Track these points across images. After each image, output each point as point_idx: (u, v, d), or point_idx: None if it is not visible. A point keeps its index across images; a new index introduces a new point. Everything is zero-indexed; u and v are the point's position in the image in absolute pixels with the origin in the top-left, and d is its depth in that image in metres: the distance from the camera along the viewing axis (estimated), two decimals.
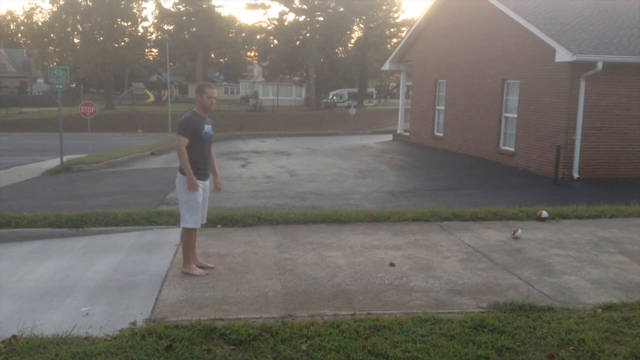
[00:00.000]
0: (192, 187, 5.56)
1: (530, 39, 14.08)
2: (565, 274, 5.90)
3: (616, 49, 12.98)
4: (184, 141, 5.61)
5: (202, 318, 4.53)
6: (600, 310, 4.87)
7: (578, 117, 12.93)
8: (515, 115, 15.18)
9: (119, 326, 4.46)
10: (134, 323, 4.51)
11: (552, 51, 12.95)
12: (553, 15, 14.86)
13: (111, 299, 5.14)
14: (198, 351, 3.93)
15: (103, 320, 4.64)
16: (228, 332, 4.21)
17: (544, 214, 8.41)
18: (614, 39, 13.59)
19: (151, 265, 6.11)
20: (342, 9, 54.16)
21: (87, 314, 4.78)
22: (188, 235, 5.75)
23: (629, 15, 15.86)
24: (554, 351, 4.02)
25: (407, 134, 23.18)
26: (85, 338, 4.24)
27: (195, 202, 5.63)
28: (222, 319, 4.52)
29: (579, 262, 6.34)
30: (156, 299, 5.06)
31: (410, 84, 24.86)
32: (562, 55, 12.62)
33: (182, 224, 5.72)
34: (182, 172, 5.63)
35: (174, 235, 7.26)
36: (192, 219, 5.67)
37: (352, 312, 4.77)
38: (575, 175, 13.15)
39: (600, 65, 12.39)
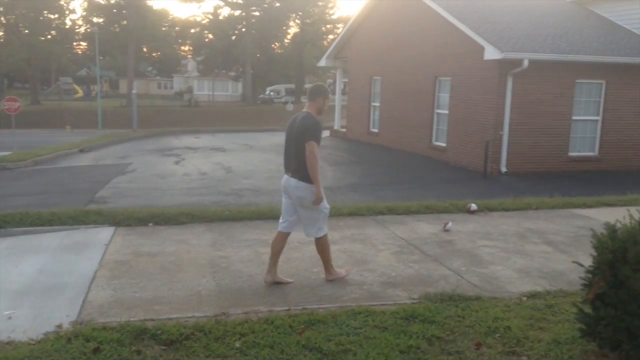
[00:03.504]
0: (320, 200, 5.21)
1: (460, 37, 14.48)
2: (493, 264, 6.12)
3: (541, 47, 13.54)
4: (317, 147, 5.11)
5: (131, 319, 4.41)
6: (525, 299, 5.07)
7: (505, 113, 13.41)
8: (447, 112, 15.58)
9: (44, 329, 4.29)
10: (59, 326, 4.35)
11: (481, 49, 13.37)
12: (482, 14, 15.34)
13: (36, 302, 4.93)
14: (127, 353, 3.83)
15: (27, 323, 4.45)
16: (159, 332, 4.12)
17: (473, 206, 8.69)
18: (539, 37, 14.17)
19: (78, 266, 5.90)
20: (278, 4, 53.85)
21: (9, 318, 4.57)
22: (326, 242, 5.43)
23: (553, 15, 16.58)
24: (481, 339, 4.15)
25: (344, 130, 23.37)
26: (8, 342, 4.06)
27: (327, 208, 5.39)
28: (153, 319, 4.42)
29: (506, 252, 6.59)
30: (83, 301, 4.89)
31: (346, 80, 25.07)
32: (491, 53, 13.04)
33: (318, 234, 5.34)
34: (308, 180, 5.13)
35: (102, 234, 7.03)
36: (325, 226, 5.40)
37: (287, 308, 4.76)
38: (503, 169, 13.64)
39: (526, 62, 12.88)
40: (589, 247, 3.88)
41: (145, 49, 63.10)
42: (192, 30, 59.79)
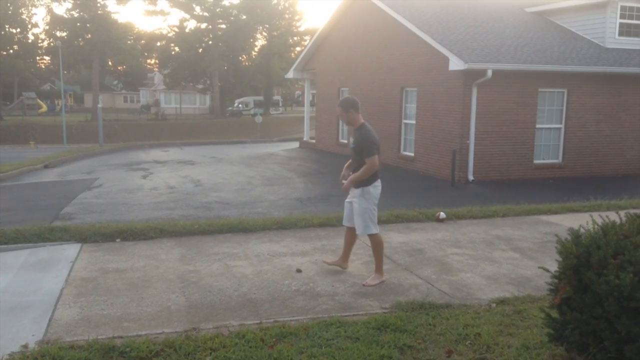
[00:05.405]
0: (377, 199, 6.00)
1: (425, 48, 14.70)
2: (462, 272, 6.19)
3: (504, 58, 13.83)
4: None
5: (99, 337, 4.32)
6: (494, 305, 5.14)
7: (471, 123, 13.64)
8: (414, 122, 15.77)
9: (9, 350, 4.17)
10: (25, 346, 4.23)
11: (446, 60, 13.59)
12: (446, 26, 15.61)
13: (0, 321, 4.79)
14: None
15: None
16: (128, 349, 4.04)
17: (442, 215, 8.79)
18: (502, 48, 14.48)
19: (44, 284, 5.75)
20: (244, 17, 53.87)
21: None
22: (381, 241, 5.97)
23: (515, 26, 16.96)
24: (452, 346, 4.18)
25: (314, 141, 23.44)
26: None
27: (376, 210, 5.99)
28: (122, 337, 4.34)
29: (475, 259, 6.67)
30: (50, 320, 4.77)
31: (315, 91, 25.18)
32: (455, 64, 13.27)
33: (369, 231, 5.88)
34: (364, 183, 5.96)
35: (68, 251, 6.89)
36: (375, 226, 5.92)
37: (258, 321, 4.73)
38: (470, 177, 13.84)
39: (490, 73, 13.15)
40: (555, 253, 3.95)
41: (110, 63, 62.23)
42: (158, 44, 59.23)
